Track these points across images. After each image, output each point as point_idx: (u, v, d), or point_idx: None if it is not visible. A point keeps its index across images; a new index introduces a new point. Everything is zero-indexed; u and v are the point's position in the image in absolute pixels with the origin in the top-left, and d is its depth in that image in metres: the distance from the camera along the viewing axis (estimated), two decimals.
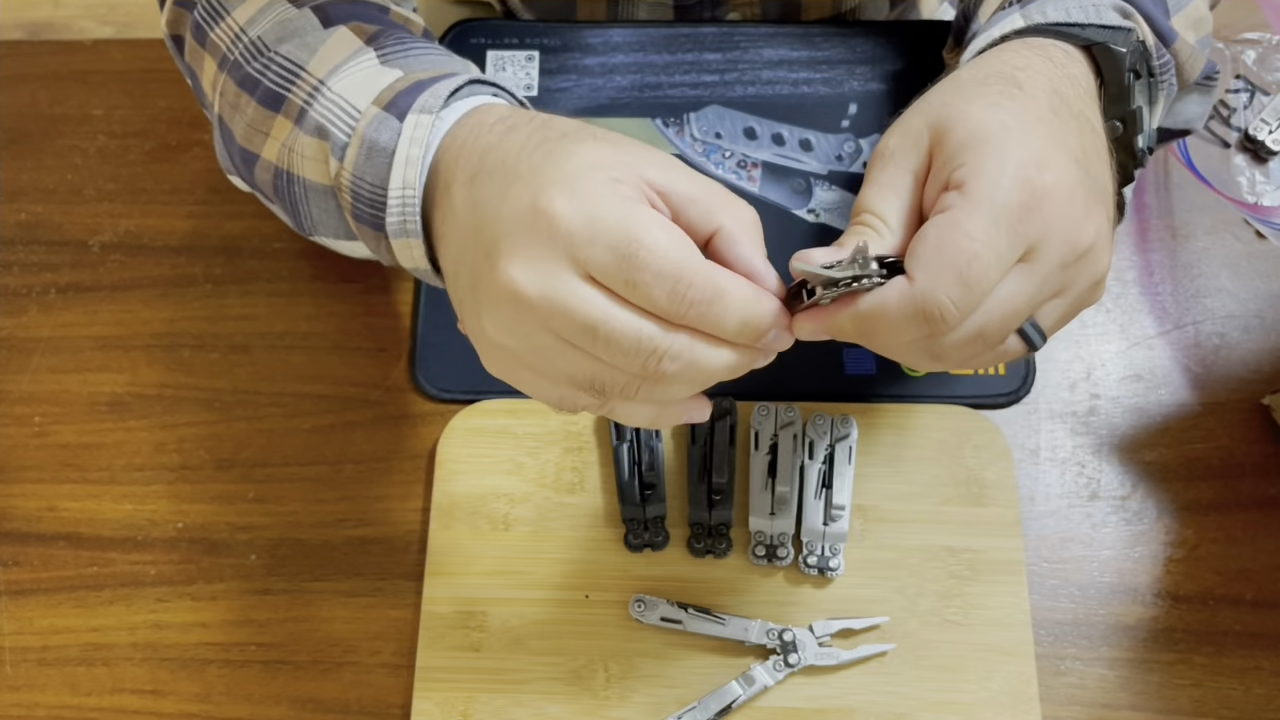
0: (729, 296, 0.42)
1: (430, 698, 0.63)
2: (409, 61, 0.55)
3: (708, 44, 0.78)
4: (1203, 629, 0.65)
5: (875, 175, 0.47)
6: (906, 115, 0.48)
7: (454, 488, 0.67)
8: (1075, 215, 0.44)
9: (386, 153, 0.50)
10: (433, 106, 0.49)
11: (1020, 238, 0.43)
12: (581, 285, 0.42)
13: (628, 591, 0.65)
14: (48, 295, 0.75)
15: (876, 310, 0.43)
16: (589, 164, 0.42)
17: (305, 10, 0.58)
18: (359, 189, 0.51)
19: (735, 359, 0.44)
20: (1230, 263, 0.74)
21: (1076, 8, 0.53)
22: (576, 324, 0.42)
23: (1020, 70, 0.48)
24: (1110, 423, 0.69)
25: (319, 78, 0.55)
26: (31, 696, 0.65)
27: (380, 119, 0.51)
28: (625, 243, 0.41)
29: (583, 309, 0.42)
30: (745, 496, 0.66)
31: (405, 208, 0.49)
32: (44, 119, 0.80)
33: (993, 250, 0.42)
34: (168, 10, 0.64)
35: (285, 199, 0.58)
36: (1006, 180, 0.43)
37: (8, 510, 0.69)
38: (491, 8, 0.88)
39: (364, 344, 0.72)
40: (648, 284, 0.41)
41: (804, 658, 0.62)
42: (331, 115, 0.53)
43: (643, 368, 0.42)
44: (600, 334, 0.42)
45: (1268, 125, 0.76)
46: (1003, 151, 0.44)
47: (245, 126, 0.58)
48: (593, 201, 0.41)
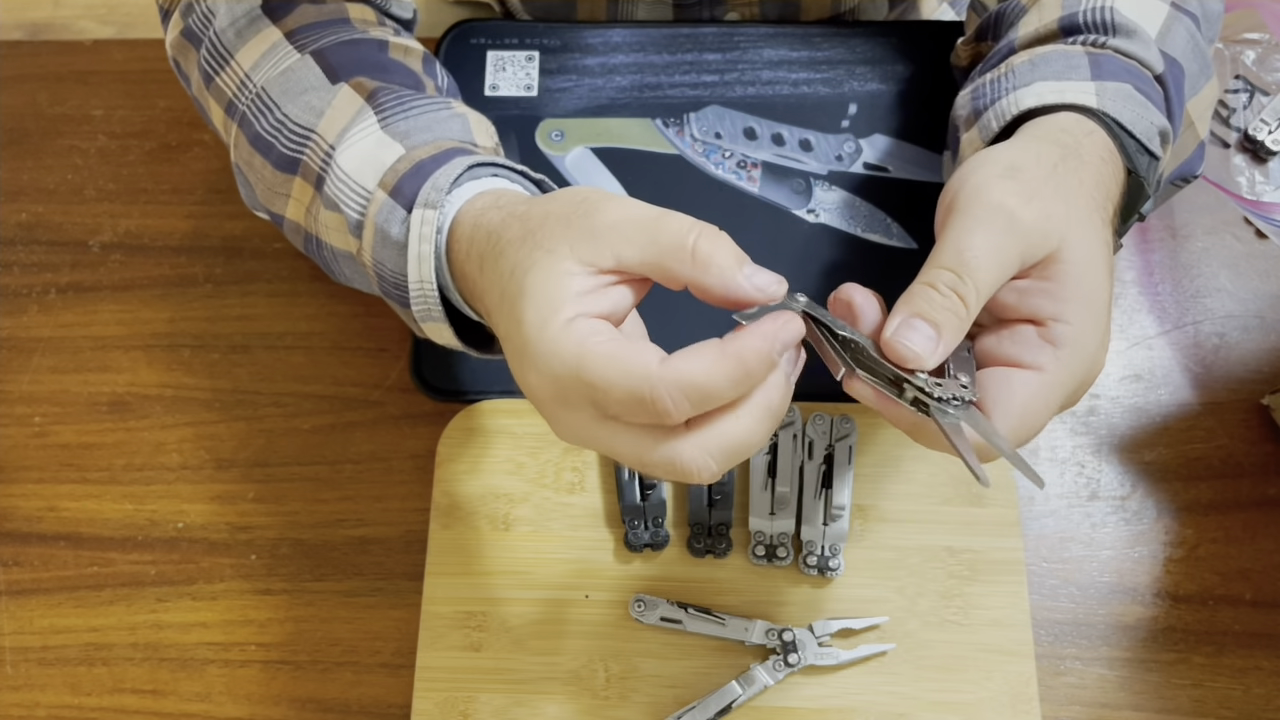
0: (698, 383, 0.41)
1: (430, 698, 0.63)
2: (408, 125, 0.55)
3: (708, 44, 0.78)
4: (1202, 629, 0.65)
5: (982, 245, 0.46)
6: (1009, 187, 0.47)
7: (454, 488, 0.67)
8: (1104, 345, 0.48)
9: (399, 245, 0.51)
10: (435, 201, 0.50)
11: (1080, 392, 0.48)
12: (596, 422, 0.44)
13: (628, 591, 0.65)
14: (48, 295, 0.75)
15: (950, 437, 0.45)
16: (547, 310, 0.43)
17: (307, 58, 0.59)
18: (382, 272, 0.53)
19: (760, 425, 0.44)
20: (1230, 263, 0.74)
21: (1141, 120, 0.53)
22: (587, 428, 0.44)
23: (1097, 184, 0.50)
24: (1110, 423, 0.69)
25: (329, 143, 0.56)
26: (31, 696, 0.65)
27: (389, 208, 0.52)
28: (590, 391, 0.42)
29: (597, 445, 0.44)
30: (745, 496, 0.66)
31: (426, 299, 0.51)
32: (44, 119, 0.80)
33: (1056, 410, 0.47)
34: (172, 35, 0.64)
35: (316, 258, 0.60)
36: (1085, 366, 0.46)
37: (8, 510, 0.69)
38: (491, 8, 0.88)
39: (364, 344, 0.72)
40: (626, 413, 0.42)
41: (804, 658, 0.62)
42: (343, 195, 0.54)
43: (677, 479, 0.44)
44: (626, 460, 0.44)
45: (1267, 125, 0.76)
46: (1094, 322, 0.46)
47: (265, 189, 0.60)
48: (549, 365, 0.43)
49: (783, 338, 0.43)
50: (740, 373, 0.42)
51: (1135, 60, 0.55)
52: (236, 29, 0.61)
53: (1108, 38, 0.56)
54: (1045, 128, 0.51)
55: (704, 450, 0.43)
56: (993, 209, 0.46)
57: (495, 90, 0.77)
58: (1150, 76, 0.55)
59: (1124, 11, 0.56)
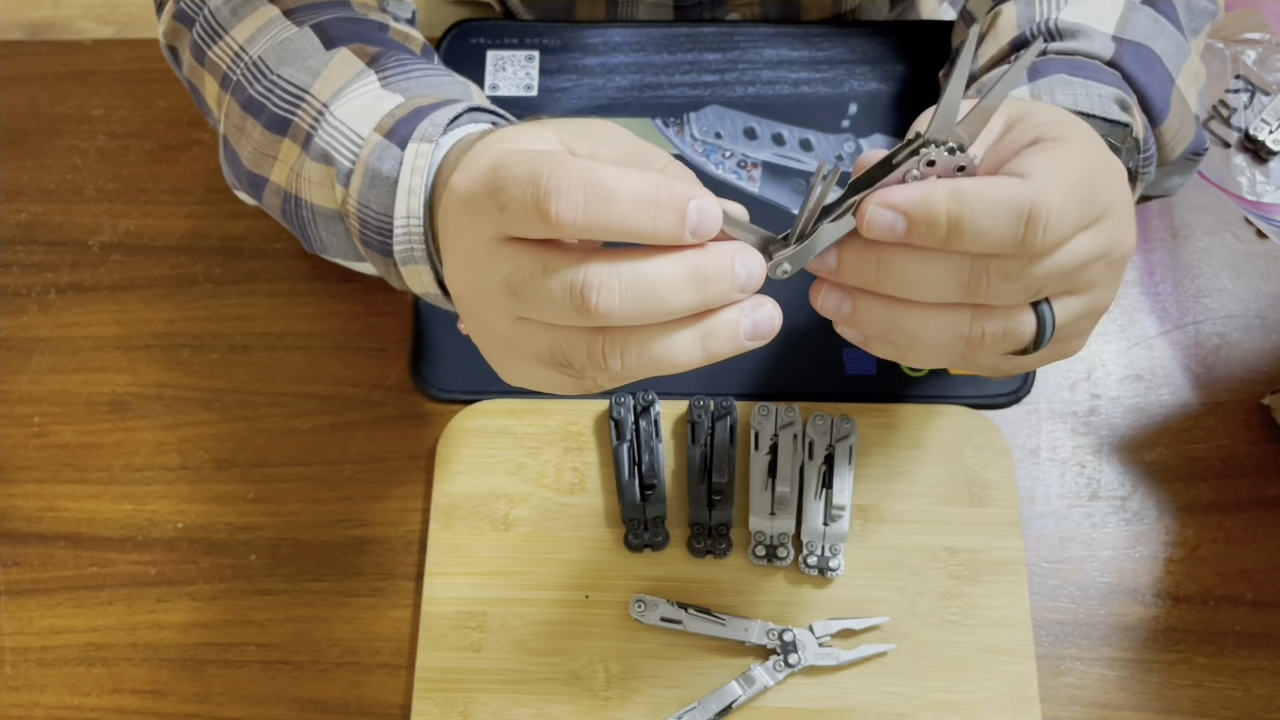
0: (601, 177, 0.37)
1: (430, 698, 0.63)
2: (410, 84, 0.55)
3: (708, 44, 0.78)
4: (1203, 629, 0.65)
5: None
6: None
7: (454, 488, 0.67)
8: (1129, 215, 0.45)
9: (390, 182, 0.50)
10: (432, 135, 0.49)
11: (1093, 203, 0.43)
12: (496, 250, 0.40)
13: (628, 591, 0.65)
14: (48, 295, 0.75)
15: (983, 190, 0.40)
16: (500, 137, 0.42)
17: (305, 29, 0.58)
18: (366, 216, 0.52)
19: (680, 273, 0.39)
20: (1230, 263, 0.73)
21: (1084, 95, 0.53)
22: (494, 286, 0.40)
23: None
24: (1110, 423, 0.69)
25: (323, 101, 0.55)
26: (31, 696, 0.65)
27: (382, 147, 0.51)
28: (492, 181, 0.39)
29: (492, 270, 0.40)
30: (745, 496, 0.66)
31: (411, 236, 0.50)
32: (44, 119, 0.80)
33: (1078, 196, 0.42)
34: (165, 22, 0.64)
35: (294, 222, 0.58)
36: (1091, 149, 0.43)
37: (8, 510, 0.69)
38: (491, 8, 0.88)
39: (364, 344, 0.72)
40: (517, 204, 0.38)
41: (804, 658, 0.62)
42: (335, 142, 0.53)
43: (576, 312, 0.39)
44: (512, 285, 0.40)
45: (1268, 125, 0.76)
46: (1082, 129, 0.44)
47: (252, 150, 0.58)
48: (473, 164, 0.41)
49: (700, 204, 0.39)
50: (650, 191, 0.38)
51: (1078, 55, 0.57)
52: (231, 7, 0.60)
53: (1049, 44, 0.58)
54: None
55: (611, 270, 0.38)
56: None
57: (495, 90, 0.77)
58: (1095, 65, 0.56)
59: (1069, 19, 0.58)
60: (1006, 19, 0.61)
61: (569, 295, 0.39)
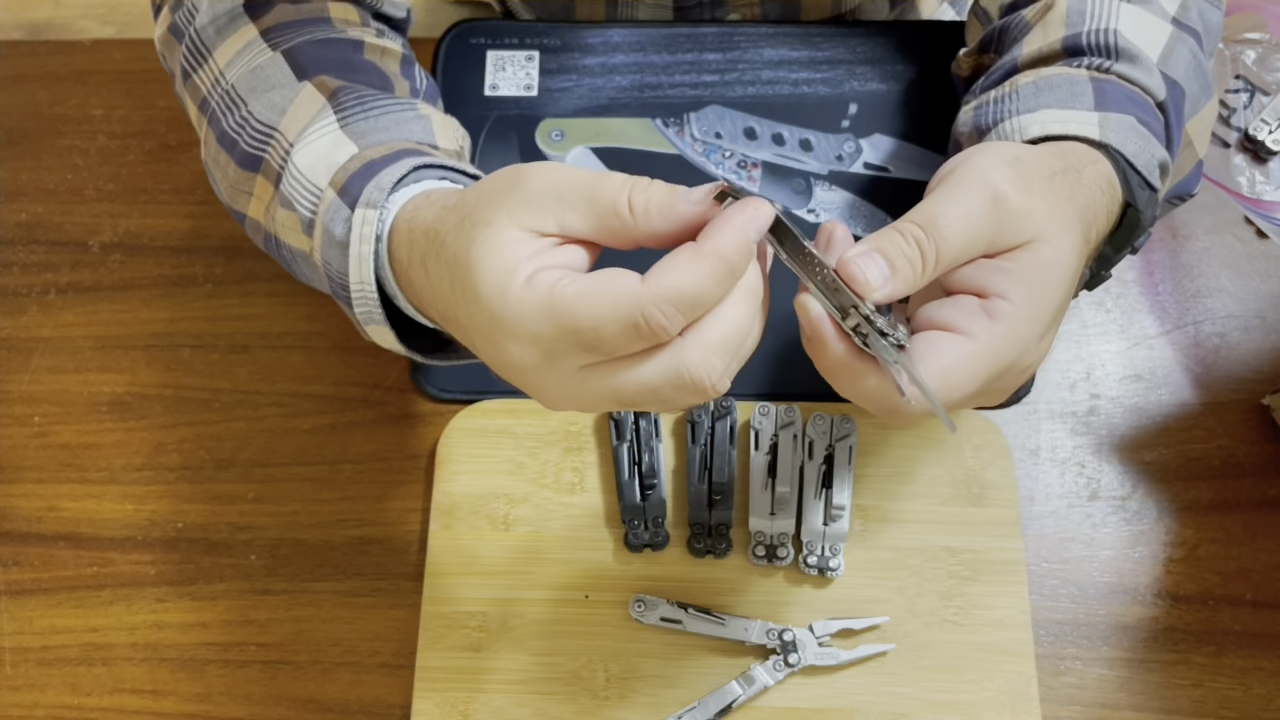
0: (686, 291, 0.41)
1: (430, 698, 0.63)
2: (367, 123, 0.55)
3: (708, 44, 0.78)
4: (1203, 629, 0.65)
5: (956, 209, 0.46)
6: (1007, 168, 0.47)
7: (454, 488, 0.67)
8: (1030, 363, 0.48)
9: (341, 245, 0.50)
10: (376, 200, 0.49)
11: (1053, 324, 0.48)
12: (589, 377, 0.42)
13: (628, 591, 0.65)
14: (48, 295, 0.75)
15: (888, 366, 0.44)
16: (503, 275, 0.42)
17: (277, 56, 0.59)
18: (330, 272, 0.52)
19: (750, 310, 0.43)
20: (1230, 263, 0.74)
21: (1144, 152, 0.53)
22: (597, 399, 0.43)
23: (1087, 205, 0.50)
24: (1110, 423, 0.69)
25: (290, 141, 0.55)
26: (31, 696, 0.65)
27: (335, 206, 0.51)
28: (577, 335, 0.41)
29: (590, 390, 0.43)
30: (745, 496, 0.66)
31: (367, 300, 0.50)
32: (44, 119, 0.80)
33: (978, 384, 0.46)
34: (160, 30, 0.64)
35: (275, 256, 0.59)
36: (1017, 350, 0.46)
37: (8, 510, 0.69)
38: (491, 8, 0.88)
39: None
40: (620, 346, 0.41)
41: (804, 658, 0.62)
42: (296, 193, 0.54)
43: (692, 397, 0.43)
44: (620, 400, 0.43)
45: (1268, 125, 0.76)
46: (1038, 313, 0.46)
47: (229, 187, 0.59)
48: (526, 326, 0.42)
49: (756, 223, 0.42)
50: (723, 270, 0.41)
51: (1138, 87, 0.56)
52: (216, 26, 0.60)
53: (1111, 62, 0.56)
54: (1052, 144, 0.52)
55: (706, 351, 0.41)
56: (984, 186, 0.46)
57: (495, 90, 0.77)
58: (1152, 104, 0.56)
59: (1127, 35, 0.57)
60: (1058, 11, 0.59)
61: (682, 389, 0.42)
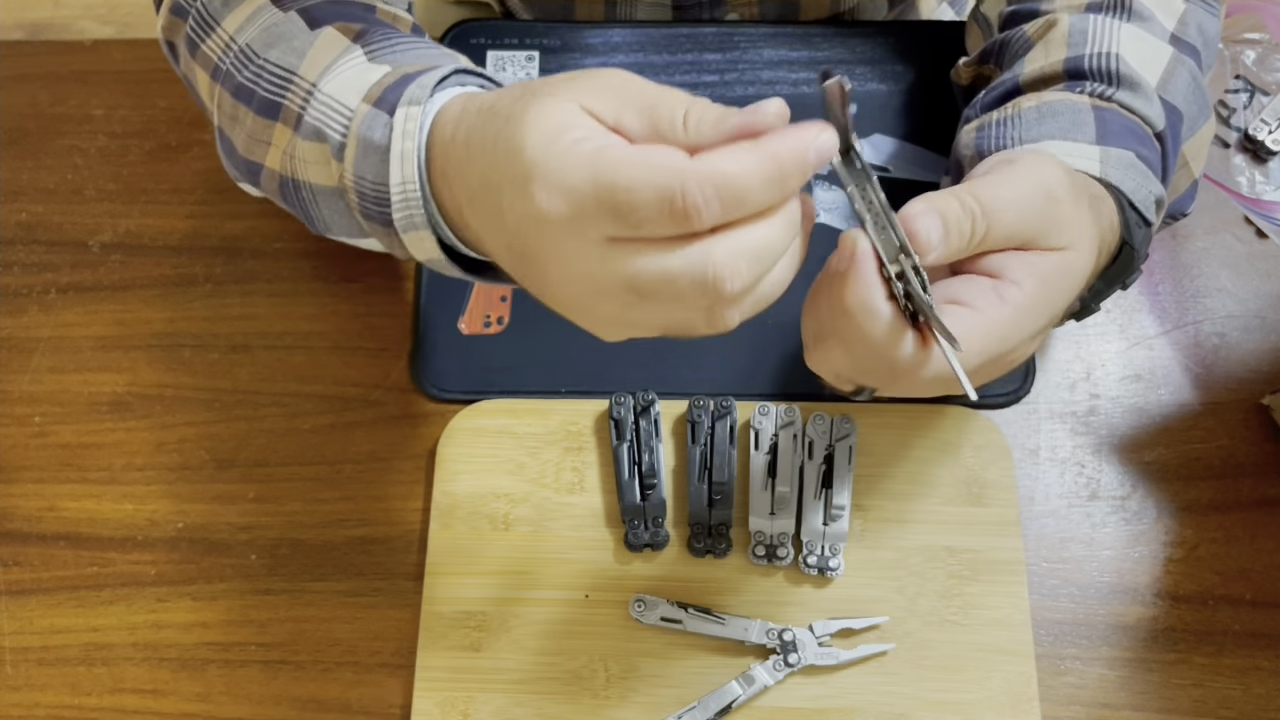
0: (732, 179, 0.39)
1: (430, 698, 0.63)
2: (396, 56, 0.55)
3: (707, 44, 0.78)
4: (1202, 629, 0.65)
5: (996, 196, 0.46)
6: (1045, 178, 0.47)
7: (454, 488, 0.67)
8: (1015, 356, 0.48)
9: (381, 150, 0.50)
10: (420, 97, 0.49)
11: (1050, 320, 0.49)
12: (609, 254, 0.40)
13: (628, 591, 0.65)
14: (48, 295, 0.75)
15: (932, 324, 0.44)
16: (554, 129, 0.41)
17: (291, 14, 0.58)
18: (363, 188, 0.51)
19: (787, 228, 0.41)
20: (1230, 263, 0.74)
21: (1142, 189, 0.53)
22: (613, 289, 0.41)
23: (1103, 233, 0.50)
24: (1110, 423, 0.69)
25: (311, 81, 0.55)
26: (31, 696, 0.65)
27: (372, 115, 0.50)
28: (610, 197, 0.39)
29: (609, 275, 0.41)
30: (745, 496, 0.66)
31: (409, 203, 0.49)
32: (44, 119, 0.80)
33: (975, 358, 0.46)
34: (163, 16, 0.64)
35: (295, 205, 0.58)
36: (1012, 337, 0.46)
37: (8, 510, 0.69)
38: (491, 8, 0.88)
39: (364, 344, 0.72)
40: (650, 221, 0.39)
41: (804, 657, 0.62)
42: (325, 117, 0.53)
43: (709, 300, 0.41)
44: (636, 288, 0.41)
45: (1267, 125, 0.76)
46: (1039, 309, 0.47)
47: (246, 138, 0.58)
48: (563, 176, 0.40)
49: (818, 145, 0.40)
50: (775, 172, 0.39)
51: (1138, 117, 0.56)
52: None
53: (1114, 90, 0.56)
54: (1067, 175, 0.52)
55: (735, 253, 0.39)
56: (1042, 185, 0.46)
57: None
58: (1151, 135, 0.56)
59: (1129, 59, 0.57)
60: (1060, 31, 0.59)
61: (702, 291, 0.40)
